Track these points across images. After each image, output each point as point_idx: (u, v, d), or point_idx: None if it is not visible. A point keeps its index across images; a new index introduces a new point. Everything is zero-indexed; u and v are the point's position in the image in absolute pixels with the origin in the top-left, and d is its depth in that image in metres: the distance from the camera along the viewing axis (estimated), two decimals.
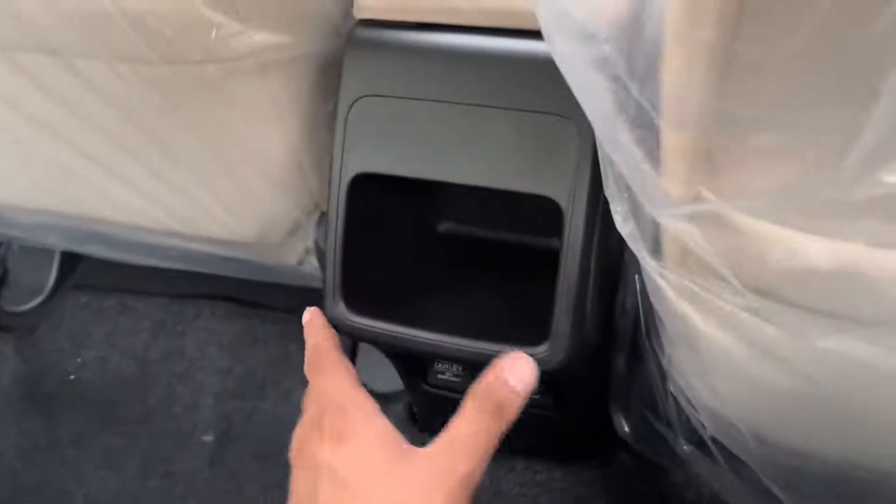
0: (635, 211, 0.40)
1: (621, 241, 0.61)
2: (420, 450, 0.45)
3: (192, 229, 0.74)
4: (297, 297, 1.06)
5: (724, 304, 0.36)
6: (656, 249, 0.41)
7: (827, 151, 0.25)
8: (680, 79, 0.26)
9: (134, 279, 1.08)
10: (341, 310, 0.57)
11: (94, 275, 1.11)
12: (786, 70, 0.23)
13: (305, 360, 0.54)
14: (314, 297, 1.00)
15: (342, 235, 0.56)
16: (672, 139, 0.27)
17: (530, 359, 0.47)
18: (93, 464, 1.01)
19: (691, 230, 0.31)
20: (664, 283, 0.40)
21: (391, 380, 0.90)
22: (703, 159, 0.28)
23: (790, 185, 0.26)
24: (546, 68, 0.51)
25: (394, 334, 0.57)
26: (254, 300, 1.08)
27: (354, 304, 0.58)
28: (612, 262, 0.59)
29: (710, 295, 0.36)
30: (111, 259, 0.98)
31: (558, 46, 0.32)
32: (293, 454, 0.50)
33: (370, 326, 0.57)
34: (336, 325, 0.57)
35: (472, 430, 0.44)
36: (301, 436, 0.49)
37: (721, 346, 0.39)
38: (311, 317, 0.56)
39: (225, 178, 0.67)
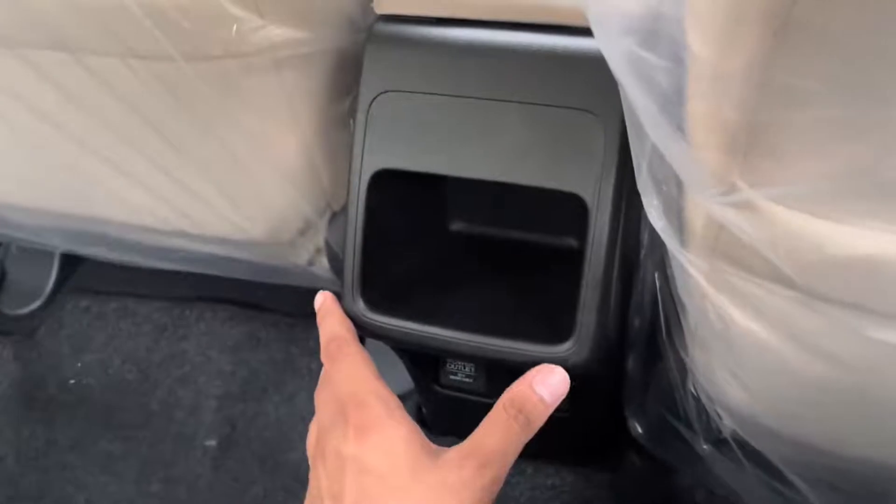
0: (668, 204, 0.39)
1: (638, 240, 0.61)
2: (445, 451, 0.45)
3: (202, 229, 0.73)
4: (299, 300, 1.05)
5: (768, 296, 0.36)
6: (686, 243, 0.40)
7: (882, 131, 0.25)
8: (733, 49, 0.25)
9: (134, 282, 1.07)
10: (360, 307, 0.56)
11: (94, 278, 1.10)
12: (850, 39, 0.22)
13: (322, 347, 0.53)
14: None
15: (361, 232, 0.55)
16: (724, 118, 0.27)
17: (563, 371, 0.47)
18: (93, 469, 0.99)
19: (743, 218, 0.31)
20: (700, 276, 0.40)
21: (399, 381, 0.89)
22: (756, 142, 0.27)
23: (851, 167, 0.26)
24: (570, 63, 0.51)
25: (412, 332, 0.57)
26: (256, 303, 1.07)
27: (372, 301, 0.57)
28: (630, 260, 0.59)
29: (753, 287, 0.36)
30: (113, 261, 0.97)
31: (605, 33, 0.31)
32: (312, 448, 0.49)
33: (388, 324, 0.57)
34: (354, 322, 0.56)
35: (500, 438, 0.45)
36: (321, 429, 0.48)
37: (758, 338, 0.39)
38: (325, 301, 0.55)
39: (237, 176, 0.66)
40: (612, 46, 0.32)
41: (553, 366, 0.47)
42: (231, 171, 0.65)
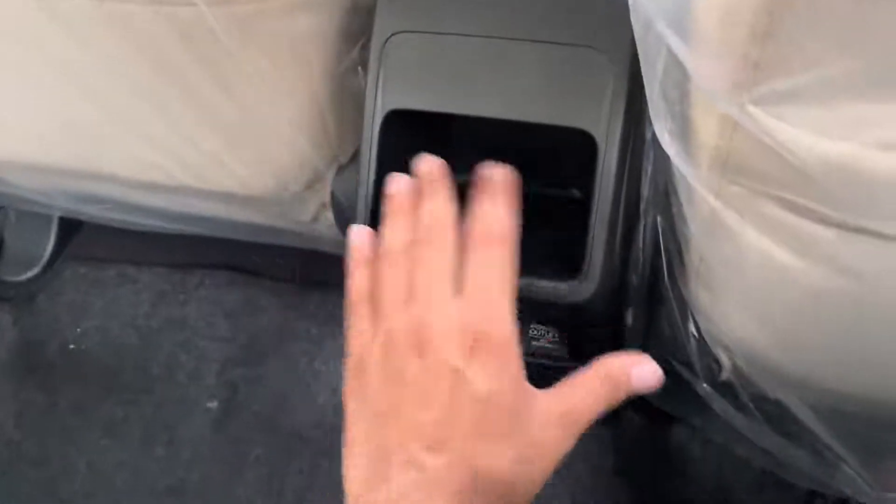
0: (680, 128, 0.41)
1: (639, 192, 0.62)
2: (537, 406, 0.39)
3: (208, 184, 0.74)
4: (297, 264, 1.06)
5: (782, 211, 0.37)
6: (696, 166, 0.41)
7: None
8: None
9: (133, 249, 1.08)
10: None
11: (92, 245, 1.10)
12: None
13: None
14: (315, 264, 1.00)
15: (374, 175, 0.56)
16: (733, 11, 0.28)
17: (659, 369, 0.44)
18: (95, 433, 1.00)
19: (760, 120, 0.32)
20: (710, 196, 0.41)
21: None
22: (776, 28, 0.28)
23: (874, 50, 0.27)
24: (580, 1, 0.52)
25: None
26: (255, 269, 1.08)
27: None
28: (632, 210, 0.60)
29: (767, 202, 0.37)
30: (113, 225, 0.98)
31: None
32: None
33: None
34: None
35: (590, 410, 0.40)
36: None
37: (771, 258, 0.40)
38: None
39: (245, 127, 0.66)
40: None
41: (647, 357, 0.44)
42: (240, 122, 0.66)
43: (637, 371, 0.42)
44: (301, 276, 1.06)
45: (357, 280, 0.43)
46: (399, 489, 0.36)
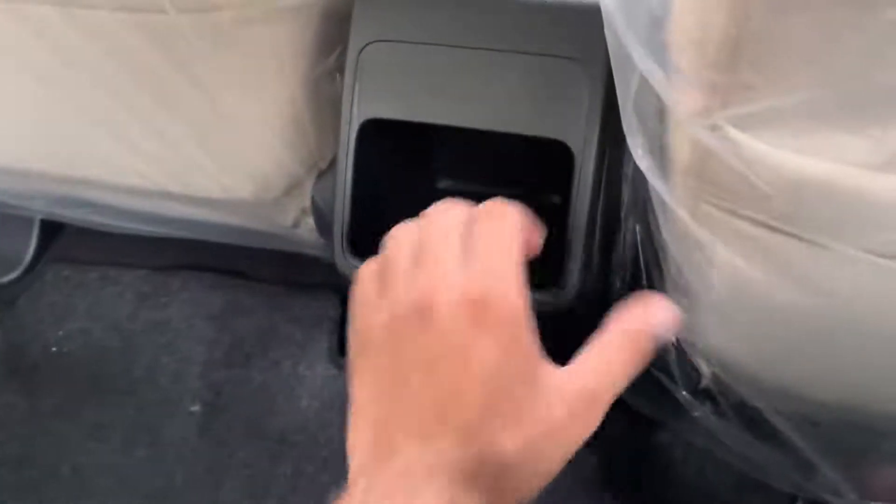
0: (653, 143, 0.41)
1: (619, 198, 0.62)
2: (552, 383, 0.36)
3: (187, 190, 0.73)
4: (283, 267, 1.06)
5: (754, 229, 0.37)
6: (670, 181, 0.41)
7: (874, 33, 0.25)
8: None
9: (115, 251, 1.07)
10: (350, 260, 0.57)
11: (74, 247, 1.09)
12: None
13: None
14: (300, 267, 1.00)
15: (351, 183, 0.56)
16: (712, 30, 0.28)
17: (675, 307, 0.38)
18: (78, 436, 0.99)
19: (729, 143, 0.32)
20: (684, 212, 0.41)
21: None
22: (744, 56, 0.28)
23: (836, 73, 0.27)
24: (556, 12, 0.52)
25: None
26: (239, 271, 1.07)
27: (361, 254, 0.58)
28: (611, 217, 0.60)
29: (738, 220, 0.37)
30: (95, 228, 0.97)
31: None
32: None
33: None
34: (345, 274, 0.57)
35: (612, 385, 0.37)
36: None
37: (744, 274, 0.40)
38: None
39: (224, 133, 0.66)
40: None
41: (659, 297, 0.38)
42: (219, 127, 0.65)
43: (657, 320, 0.37)
44: (286, 278, 1.06)
45: (369, 263, 0.41)
46: (404, 463, 0.34)
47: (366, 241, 0.60)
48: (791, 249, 0.37)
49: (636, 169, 0.58)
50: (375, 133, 0.56)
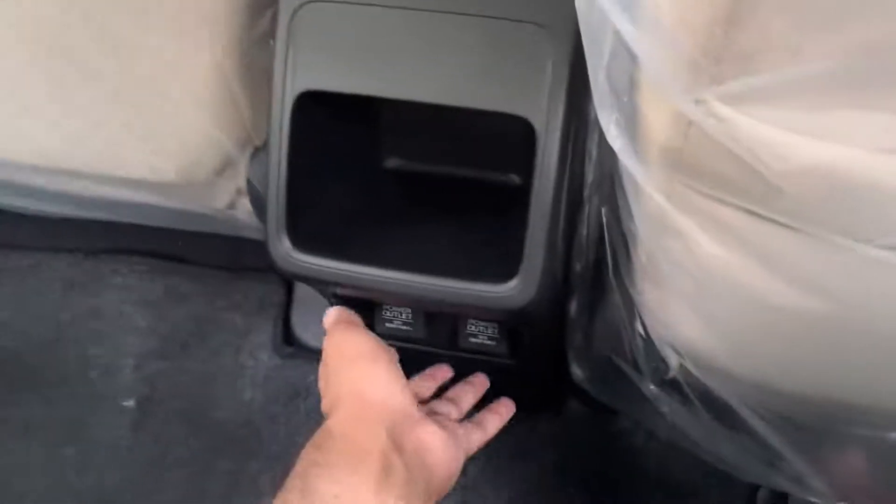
0: (629, 120, 0.36)
1: (583, 176, 0.58)
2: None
3: (113, 170, 0.67)
4: (223, 251, 0.99)
5: (738, 215, 0.32)
6: (645, 162, 0.37)
7: None
8: None
9: (44, 234, 0.99)
10: (286, 247, 0.52)
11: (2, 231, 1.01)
12: None
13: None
14: (241, 250, 0.94)
15: (286, 162, 0.50)
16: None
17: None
18: (3, 433, 0.92)
19: (717, 119, 0.27)
20: (661, 197, 0.36)
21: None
22: (738, 18, 0.24)
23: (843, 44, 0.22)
24: None
25: (342, 272, 0.52)
26: (176, 255, 1.00)
27: (300, 240, 0.52)
28: (575, 199, 0.56)
29: (721, 206, 0.33)
30: (20, 212, 0.90)
31: None
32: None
33: (316, 264, 0.52)
34: (280, 264, 0.51)
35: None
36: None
37: (724, 263, 0.36)
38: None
39: (147, 106, 0.60)
40: None
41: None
42: (141, 100, 0.59)
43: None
44: (226, 262, 0.99)
45: None
46: None
47: (307, 225, 0.54)
48: (783, 241, 0.32)
49: (603, 145, 0.53)
50: (313, 106, 0.50)
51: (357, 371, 0.51)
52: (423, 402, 0.56)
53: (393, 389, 0.49)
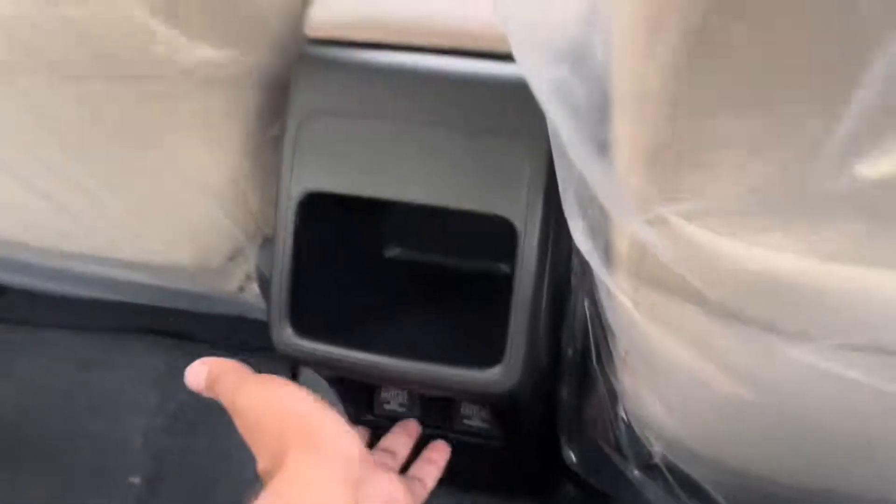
0: (594, 228, 0.40)
1: (568, 267, 0.61)
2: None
3: (128, 256, 0.71)
4: (229, 329, 1.03)
5: (688, 317, 0.36)
6: (613, 267, 0.40)
7: (800, 142, 0.25)
8: (642, 64, 0.25)
9: (55, 312, 1.03)
10: (288, 333, 0.55)
11: (12, 308, 1.05)
12: (758, 52, 0.23)
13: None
14: (247, 330, 0.97)
15: (290, 257, 0.54)
16: (644, 136, 0.27)
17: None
18: None
19: (661, 237, 0.31)
20: (626, 299, 0.40)
21: None
22: (676, 160, 0.28)
23: (761, 182, 0.26)
24: (496, 89, 0.51)
25: (341, 358, 0.56)
26: (183, 333, 1.04)
27: (301, 327, 0.56)
28: (561, 286, 0.59)
29: (675, 308, 0.36)
30: (35, 291, 0.94)
31: (528, 59, 0.32)
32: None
33: (317, 350, 0.55)
34: (282, 349, 0.55)
35: None
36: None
37: (681, 360, 0.39)
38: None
39: (163, 200, 0.64)
40: (536, 72, 0.32)
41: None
42: (157, 194, 0.63)
43: None
44: (232, 341, 1.02)
45: None
46: None
47: (309, 312, 0.58)
48: (733, 341, 0.36)
49: None
50: (317, 203, 0.54)
51: (299, 420, 0.44)
52: None
53: (343, 434, 0.43)
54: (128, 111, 0.55)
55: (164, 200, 0.63)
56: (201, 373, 0.50)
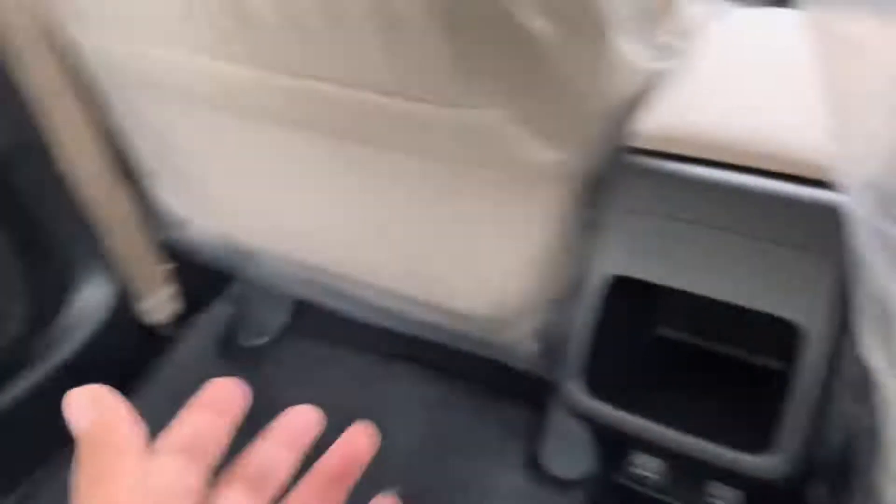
0: (890, 343, 0.44)
1: (838, 368, 0.65)
2: None
3: (434, 298, 0.84)
4: (489, 371, 1.12)
5: None
6: None
7: None
8: None
9: (347, 335, 1.18)
10: (582, 394, 0.65)
11: (315, 324, 1.22)
12: None
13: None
14: (505, 375, 1.06)
15: (591, 326, 0.64)
16: None
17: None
18: None
19: None
20: None
21: (573, 467, 0.95)
22: None
23: None
24: (799, 208, 0.58)
25: (628, 421, 0.64)
26: (450, 368, 1.15)
27: (593, 390, 0.65)
28: (831, 382, 0.63)
29: None
30: (336, 311, 1.09)
31: (854, 206, 0.38)
32: None
33: (604, 412, 0.64)
34: (574, 406, 0.64)
35: None
36: None
37: None
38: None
39: (479, 262, 0.76)
40: (861, 220, 0.38)
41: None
42: (479, 254, 0.76)
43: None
44: (492, 383, 1.12)
45: None
46: None
47: (598, 379, 0.67)
48: None
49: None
50: (616, 286, 0.64)
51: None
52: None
53: None
54: (467, 191, 0.68)
55: (485, 259, 0.75)
56: (87, 409, 0.32)
